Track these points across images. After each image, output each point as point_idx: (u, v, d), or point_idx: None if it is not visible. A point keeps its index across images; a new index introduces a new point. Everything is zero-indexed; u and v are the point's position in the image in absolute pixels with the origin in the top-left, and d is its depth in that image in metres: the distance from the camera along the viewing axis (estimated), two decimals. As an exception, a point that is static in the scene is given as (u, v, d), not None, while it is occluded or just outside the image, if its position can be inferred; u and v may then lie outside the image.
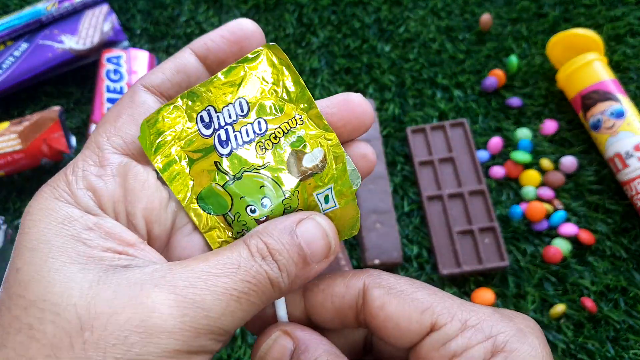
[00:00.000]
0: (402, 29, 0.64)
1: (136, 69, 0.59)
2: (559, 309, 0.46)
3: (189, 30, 0.66)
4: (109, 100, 0.57)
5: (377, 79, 0.61)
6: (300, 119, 0.23)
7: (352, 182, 0.23)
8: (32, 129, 0.53)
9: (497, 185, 0.54)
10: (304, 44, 0.64)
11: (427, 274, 0.50)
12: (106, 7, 0.62)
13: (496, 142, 0.54)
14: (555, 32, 0.59)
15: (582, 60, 0.54)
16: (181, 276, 0.19)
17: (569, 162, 0.53)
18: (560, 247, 0.49)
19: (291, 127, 0.22)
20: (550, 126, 0.55)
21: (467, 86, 0.59)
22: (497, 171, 0.54)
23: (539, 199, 0.52)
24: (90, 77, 0.62)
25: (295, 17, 0.66)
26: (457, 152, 0.55)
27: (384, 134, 0.57)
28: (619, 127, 0.50)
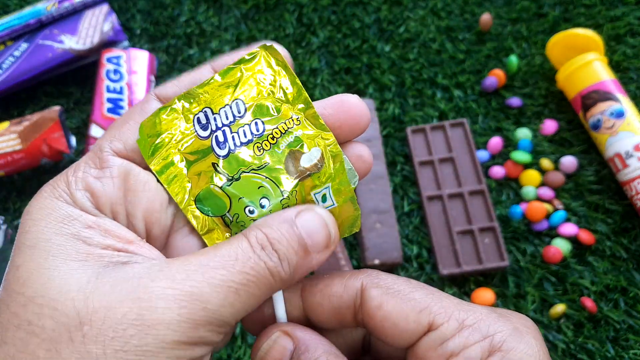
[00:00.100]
0: (402, 29, 0.64)
1: (136, 69, 0.59)
2: (559, 309, 0.46)
3: (189, 30, 0.66)
4: (109, 100, 0.57)
5: (377, 79, 0.61)
6: (297, 119, 0.23)
7: (349, 181, 0.23)
8: (32, 129, 0.53)
9: (497, 185, 0.54)
10: (304, 44, 0.64)
11: (427, 274, 0.50)
12: (106, 7, 0.62)
13: (496, 142, 0.54)
14: (555, 32, 0.59)
15: (582, 60, 0.54)
16: (179, 269, 0.19)
17: (569, 162, 0.52)
18: (560, 247, 0.49)
19: (288, 128, 0.22)
20: (550, 126, 0.55)
21: (467, 86, 0.59)
22: (497, 171, 0.53)
23: (539, 199, 0.52)
24: (90, 77, 0.62)
25: (295, 17, 0.66)
26: (457, 152, 0.54)
27: (384, 134, 0.57)
28: (619, 127, 0.50)
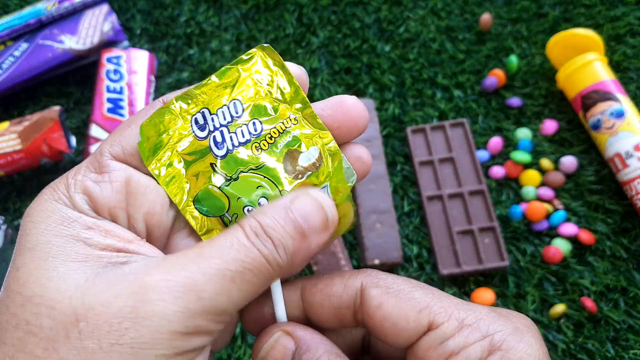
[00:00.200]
0: (402, 29, 0.64)
1: (136, 69, 0.59)
2: (559, 309, 0.46)
3: (189, 30, 0.66)
4: (109, 100, 0.57)
5: (377, 79, 0.61)
6: (294, 118, 0.23)
7: (347, 179, 0.23)
8: (32, 129, 0.53)
9: (497, 185, 0.54)
10: (304, 44, 0.64)
11: (427, 274, 0.50)
12: (106, 7, 0.62)
13: (496, 142, 0.54)
14: (555, 32, 0.59)
15: (582, 60, 0.54)
16: (174, 262, 0.19)
17: (569, 162, 0.52)
18: (560, 247, 0.49)
19: (286, 127, 0.22)
20: (550, 126, 0.55)
21: (467, 86, 0.59)
22: (497, 171, 0.53)
23: (539, 199, 0.52)
24: (90, 77, 0.62)
25: (295, 17, 0.66)
26: (457, 152, 0.54)
27: (384, 134, 0.57)
28: (619, 127, 0.50)
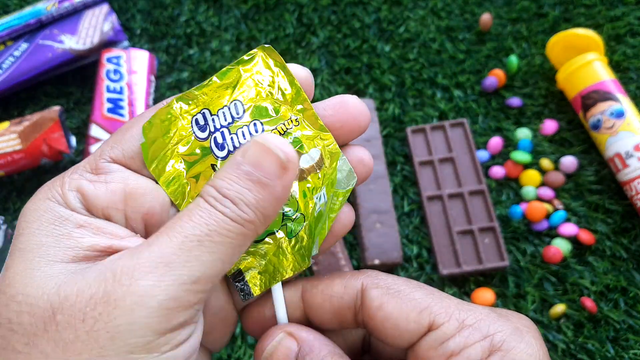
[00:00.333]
0: (402, 29, 0.64)
1: (136, 69, 0.59)
2: (559, 309, 0.46)
3: (189, 30, 0.66)
4: (109, 100, 0.57)
5: (377, 79, 0.61)
6: (296, 120, 0.23)
7: (347, 182, 0.23)
8: (32, 129, 0.53)
9: (497, 185, 0.54)
10: (304, 44, 0.64)
11: (427, 274, 0.50)
12: (106, 7, 0.62)
13: (496, 142, 0.54)
14: (555, 32, 0.59)
15: (582, 60, 0.54)
16: (144, 243, 0.19)
17: (569, 162, 0.52)
18: (560, 247, 0.49)
19: (287, 129, 0.22)
20: (550, 126, 0.55)
21: (467, 86, 0.59)
22: (497, 171, 0.53)
23: (539, 199, 0.52)
24: (90, 77, 0.62)
25: (295, 17, 0.66)
26: (457, 152, 0.54)
27: (384, 134, 0.57)
28: (619, 127, 0.50)
